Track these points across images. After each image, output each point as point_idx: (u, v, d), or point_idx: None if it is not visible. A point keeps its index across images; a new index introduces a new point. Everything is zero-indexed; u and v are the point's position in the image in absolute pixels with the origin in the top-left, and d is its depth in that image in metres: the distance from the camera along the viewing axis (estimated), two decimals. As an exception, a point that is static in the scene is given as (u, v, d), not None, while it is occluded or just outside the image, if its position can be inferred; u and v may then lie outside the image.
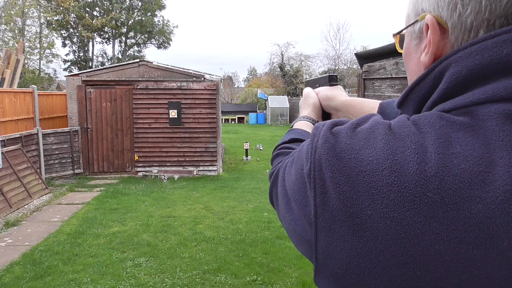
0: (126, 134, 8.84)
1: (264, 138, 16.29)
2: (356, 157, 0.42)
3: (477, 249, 0.34)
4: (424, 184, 0.37)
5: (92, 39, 26.70)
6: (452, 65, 0.43)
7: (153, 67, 8.76)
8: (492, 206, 0.34)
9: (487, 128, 0.38)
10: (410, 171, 0.38)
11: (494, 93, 0.39)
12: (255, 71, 46.53)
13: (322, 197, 0.44)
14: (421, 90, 0.47)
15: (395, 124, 0.44)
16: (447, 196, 0.36)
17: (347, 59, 29.87)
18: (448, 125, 0.40)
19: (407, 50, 0.54)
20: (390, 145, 0.41)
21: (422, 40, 0.49)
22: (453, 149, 0.38)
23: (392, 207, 0.38)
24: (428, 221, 0.36)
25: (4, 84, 9.35)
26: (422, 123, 0.42)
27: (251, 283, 3.86)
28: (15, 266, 4.19)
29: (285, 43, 34.95)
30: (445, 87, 0.44)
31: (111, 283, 3.83)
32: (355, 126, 0.47)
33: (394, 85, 3.56)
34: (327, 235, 0.43)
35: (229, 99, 30.06)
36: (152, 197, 7.03)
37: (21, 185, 6.48)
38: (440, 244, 0.36)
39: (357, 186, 0.41)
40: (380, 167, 0.40)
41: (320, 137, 0.47)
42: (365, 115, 0.49)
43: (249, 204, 6.58)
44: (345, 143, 0.44)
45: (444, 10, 0.45)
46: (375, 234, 0.39)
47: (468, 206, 0.35)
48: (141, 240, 4.94)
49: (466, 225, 0.35)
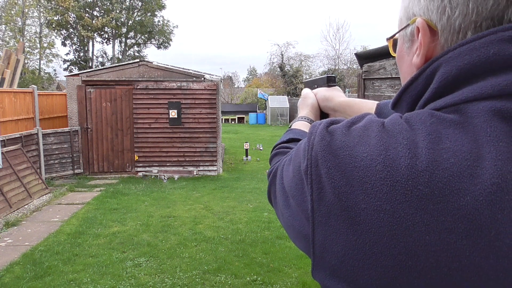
0: (126, 134, 8.84)
1: (264, 138, 16.29)
2: (351, 153, 0.44)
3: (466, 239, 0.36)
4: (415, 178, 0.39)
5: (92, 39, 26.70)
6: (443, 65, 0.45)
7: (153, 67, 8.77)
8: (480, 198, 0.36)
9: (476, 124, 0.40)
10: (402, 166, 0.40)
11: (482, 91, 0.41)
12: (255, 71, 46.54)
13: (318, 193, 0.46)
14: (414, 90, 0.49)
15: (388, 122, 0.46)
16: (437, 189, 0.38)
17: (347, 59, 29.91)
18: (439, 122, 0.42)
19: (400, 53, 0.56)
20: (383, 142, 0.43)
21: (413, 42, 0.51)
22: (443, 145, 0.40)
23: (385, 200, 0.40)
24: (419, 213, 0.38)
25: (4, 84, 9.35)
26: (413, 120, 0.44)
27: (251, 283, 3.86)
28: (15, 266, 4.19)
29: (285, 43, 35.00)
30: (435, 86, 0.45)
31: (111, 283, 3.83)
32: (350, 124, 0.48)
33: (394, 85, 3.56)
34: (324, 229, 0.45)
35: (229, 99, 30.06)
36: (152, 197, 7.03)
37: (21, 185, 6.48)
38: (431, 235, 0.37)
39: (352, 181, 0.42)
40: (373, 163, 0.42)
41: (316, 135, 0.49)
42: (360, 114, 0.51)
43: (249, 204, 6.58)
44: (340, 141, 0.46)
45: (433, 13, 0.47)
46: (369, 227, 0.40)
47: (457, 198, 0.37)
48: (141, 240, 4.94)
49: (455, 217, 0.37)
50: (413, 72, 0.50)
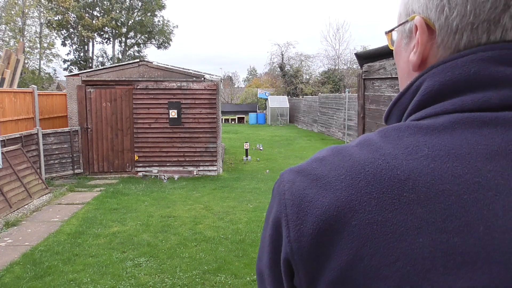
0: (126, 134, 8.84)
1: (264, 138, 16.29)
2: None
3: (457, 237, 0.37)
4: (400, 187, 0.40)
5: (92, 39, 26.67)
6: (427, 80, 0.47)
7: (153, 67, 8.76)
8: (465, 196, 0.38)
9: (455, 131, 0.42)
10: (385, 178, 0.41)
11: (462, 104, 0.44)
12: (255, 71, 46.57)
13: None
14: (402, 104, 0.51)
15: (361, 141, 0.47)
16: (422, 193, 0.39)
17: (347, 59, 29.88)
18: (416, 130, 0.44)
19: (398, 48, 0.57)
20: (360, 159, 0.44)
21: (411, 39, 0.52)
22: (421, 152, 0.42)
23: (375, 213, 0.40)
24: (409, 218, 0.39)
25: (4, 84, 9.35)
26: (389, 133, 0.46)
27: (251, 283, 3.86)
28: (15, 266, 4.19)
29: (285, 43, 34.89)
30: (418, 99, 0.48)
31: (111, 283, 3.83)
32: (315, 159, 0.48)
33: (394, 85, 3.56)
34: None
35: (229, 99, 30.06)
36: (152, 197, 7.03)
37: (21, 185, 6.48)
38: (424, 237, 0.38)
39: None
40: (355, 181, 0.43)
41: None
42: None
43: (249, 204, 6.58)
44: (306, 184, 0.46)
45: (432, 12, 0.47)
46: (364, 241, 0.41)
47: (443, 199, 0.38)
48: (141, 240, 4.94)
49: (444, 216, 0.38)
50: (409, 69, 0.52)
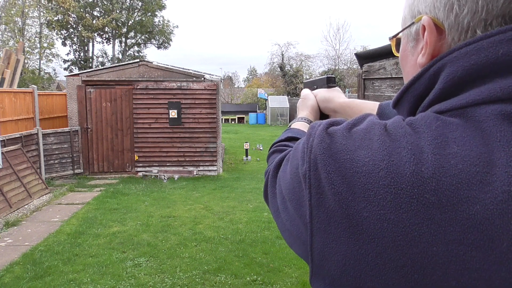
0: (126, 134, 8.84)
1: (264, 138, 16.29)
2: (352, 157, 0.42)
3: (476, 251, 0.34)
4: (421, 186, 0.36)
5: (92, 39, 26.69)
6: (448, 65, 0.43)
7: (153, 67, 8.76)
8: (491, 207, 0.34)
9: (484, 128, 0.38)
10: (407, 173, 0.37)
11: (490, 94, 0.39)
12: (255, 71, 46.55)
13: (317, 198, 0.43)
14: (416, 90, 0.47)
15: (391, 124, 0.43)
16: (444, 197, 0.35)
17: (347, 59, 29.88)
18: (444, 125, 0.40)
19: (404, 53, 0.54)
20: (385, 146, 0.40)
21: (418, 42, 0.49)
22: (450, 149, 0.37)
23: (389, 209, 0.37)
24: (425, 223, 0.36)
25: (4, 84, 9.35)
26: (417, 124, 0.42)
27: (251, 283, 3.86)
28: (15, 266, 4.19)
29: (286, 43, 34.97)
30: (441, 87, 0.43)
31: (111, 283, 3.83)
32: (351, 126, 0.46)
33: (394, 85, 3.56)
34: (323, 236, 0.43)
35: (229, 99, 30.05)
36: (152, 197, 7.03)
37: (21, 185, 6.48)
38: (438, 246, 0.35)
39: (354, 187, 0.40)
40: (376, 169, 0.39)
41: (316, 137, 0.46)
42: (361, 115, 0.49)
43: (249, 204, 6.58)
44: (341, 144, 0.44)
45: (440, 11, 0.45)
46: (372, 237, 0.38)
47: (466, 207, 0.35)
48: (141, 240, 4.94)
49: (464, 227, 0.34)
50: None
